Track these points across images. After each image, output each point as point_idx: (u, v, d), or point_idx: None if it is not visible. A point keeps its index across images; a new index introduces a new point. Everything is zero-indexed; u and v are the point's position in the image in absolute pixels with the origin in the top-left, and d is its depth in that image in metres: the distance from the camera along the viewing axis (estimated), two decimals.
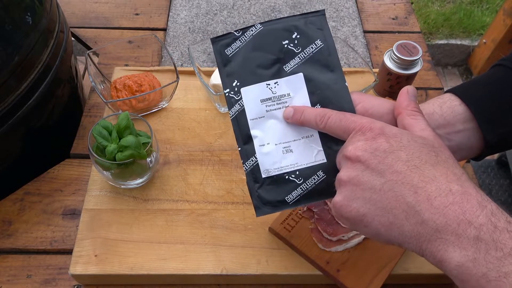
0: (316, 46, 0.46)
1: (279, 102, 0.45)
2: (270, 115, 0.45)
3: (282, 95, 0.45)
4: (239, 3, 1.02)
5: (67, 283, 0.60)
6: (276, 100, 0.45)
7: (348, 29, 0.97)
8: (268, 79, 0.46)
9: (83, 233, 0.60)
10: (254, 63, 0.46)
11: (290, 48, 0.46)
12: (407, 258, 0.59)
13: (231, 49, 0.47)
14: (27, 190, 0.68)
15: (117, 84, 0.74)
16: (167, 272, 0.58)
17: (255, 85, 0.46)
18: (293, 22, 0.46)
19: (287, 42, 0.46)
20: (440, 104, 0.47)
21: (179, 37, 0.94)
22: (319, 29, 0.46)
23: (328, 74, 0.45)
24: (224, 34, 0.47)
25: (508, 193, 1.52)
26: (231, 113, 0.47)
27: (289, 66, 0.46)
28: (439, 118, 0.46)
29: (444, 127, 0.46)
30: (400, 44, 0.73)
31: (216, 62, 0.48)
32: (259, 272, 0.58)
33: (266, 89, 0.46)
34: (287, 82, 0.46)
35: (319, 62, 0.45)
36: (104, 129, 0.60)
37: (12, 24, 0.60)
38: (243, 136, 0.46)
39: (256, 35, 0.47)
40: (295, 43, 0.46)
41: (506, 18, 1.74)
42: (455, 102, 0.47)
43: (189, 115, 0.75)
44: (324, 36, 0.46)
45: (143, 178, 0.64)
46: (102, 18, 0.97)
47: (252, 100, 0.46)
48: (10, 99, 0.62)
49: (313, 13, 0.47)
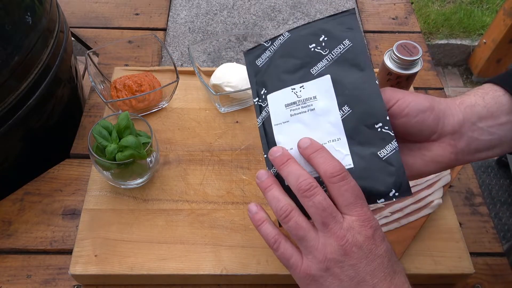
0: (344, 46, 0.44)
1: (304, 105, 0.44)
2: (295, 119, 0.44)
3: (308, 98, 0.44)
4: (239, 3, 1.02)
5: (67, 283, 0.60)
6: (301, 103, 0.44)
7: None
8: (293, 84, 0.45)
9: (83, 233, 0.60)
10: (280, 70, 0.46)
11: (317, 51, 0.45)
12: (407, 258, 0.60)
13: (261, 59, 0.48)
14: (27, 190, 0.68)
15: (117, 84, 0.74)
16: (167, 272, 0.58)
17: (280, 91, 0.45)
18: (321, 25, 0.46)
19: (314, 45, 0.45)
20: (482, 94, 0.44)
21: (179, 37, 0.94)
22: (349, 29, 0.45)
23: (357, 74, 0.43)
24: (255, 46, 0.48)
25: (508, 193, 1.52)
26: (258, 121, 0.46)
27: (316, 69, 0.44)
28: (481, 110, 0.43)
29: (486, 120, 0.43)
30: (400, 44, 0.73)
31: (248, 74, 0.48)
32: (259, 272, 0.58)
33: (291, 93, 0.45)
34: (313, 85, 0.44)
35: (348, 62, 0.44)
36: (104, 129, 0.60)
37: (12, 24, 0.60)
38: (270, 143, 0.45)
39: (284, 43, 0.47)
40: (323, 45, 0.45)
41: (506, 18, 1.74)
42: (498, 93, 0.44)
43: (189, 115, 0.75)
44: (354, 35, 0.44)
45: (143, 178, 0.64)
46: (102, 18, 0.97)
47: (277, 106, 0.45)
48: (10, 99, 0.62)
49: (342, 13, 0.45)
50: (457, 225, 0.63)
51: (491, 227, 0.68)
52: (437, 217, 0.64)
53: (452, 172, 0.66)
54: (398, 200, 0.62)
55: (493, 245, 0.66)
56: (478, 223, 0.68)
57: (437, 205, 0.63)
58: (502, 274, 0.63)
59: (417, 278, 0.60)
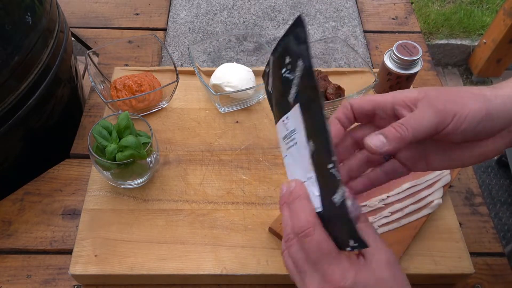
0: (300, 68, 0.37)
1: (290, 138, 0.41)
2: (289, 153, 0.42)
3: (292, 130, 0.40)
4: (239, 3, 1.02)
5: (67, 283, 0.60)
6: (289, 136, 0.41)
7: (348, 29, 0.97)
8: (283, 115, 0.42)
9: (83, 233, 0.61)
10: (275, 99, 0.44)
11: (287, 76, 0.39)
12: (407, 258, 0.60)
13: (268, 85, 0.46)
14: (27, 190, 0.68)
15: (117, 84, 0.74)
16: (167, 272, 0.58)
17: (278, 122, 0.43)
18: (285, 44, 0.39)
19: (284, 70, 0.39)
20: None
21: (179, 37, 0.94)
22: (301, 43, 0.37)
23: (311, 102, 0.37)
24: (266, 64, 0.45)
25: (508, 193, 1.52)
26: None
27: (290, 97, 0.40)
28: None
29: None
30: (400, 44, 0.73)
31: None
32: (259, 272, 0.58)
33: (282, 125, 0.42)
34: (292, 116, 0.40)
35: (304, 87, 0.38)
36: (104, 129, 0.60)
37: (12, 24, 0.60)
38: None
39: (271, 68, 0.44)
40: (289, 68, 0.39)
41: (506, 18, 1.74)
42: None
43: (189, 115, 0.75)
44: (305, 53, 0.36)
45: (143, 178, 0.64)
46: (102, 18, 0.97)
47: (280, 138, 0.43)
48: (10, 99, 0.62)
49: (296, 24, 0.37)
50: (457, 225, 0.63)
51: (491, 227, 0.68)
52: (437, 217, 0.64)
53: (452, 172, 0.66)
54: (398, 200, 0.62)
55: (493, 245, 0.66)
56: (478, 223, 0.68)
57: (437, 205, 0.63)
58: (502, 274, 0.63)
59: (417, 278, 0.60)
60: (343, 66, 0.89)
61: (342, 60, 0.90)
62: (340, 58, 0.90)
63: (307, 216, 0.37)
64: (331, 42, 0.91)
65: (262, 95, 0.76)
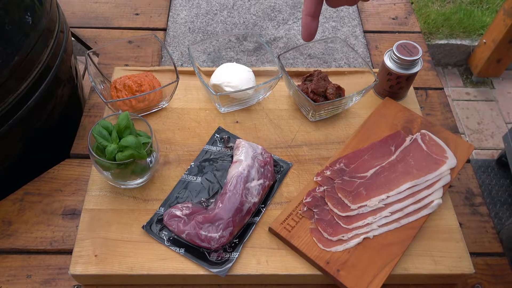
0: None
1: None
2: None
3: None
4: (239, 3, 1.02)
5: (67, 283, 0.60)
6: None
7: (348, 29, 0.97)
8: None
9: (83, 233, 0.60)
10: None
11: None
12: (407, 258, 0.60)
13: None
14: (27, 190, 0.68)
15: (117, 84, 0.74)
16: (167, 272, 0.58)
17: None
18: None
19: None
20: None
21: (179, 37, 0.94)
22: None
23: None
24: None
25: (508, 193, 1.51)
26: None
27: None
28: None
29: None
30: (400, 44, 0.73)
31: None
32: (259, 272, 0.58)
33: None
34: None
35: None
36: (104, 129, 0.60)
37: (12, 24, 0.60)
38: None
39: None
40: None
41: (506, 18, 1.74)
42: None
43: (189, 115, 0.75)
44: None
45: (143, 178, 0.64)
46: (102, 18, 0.97)
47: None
48: (10, 99, 0.62)
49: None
50: (457, 225, 0.63)
51: (491, 227, 0.68)
52: (437, 217, 0.64)
53: (452, 172, 0.66)
54: (398, 200, 0.62)
55: (493, 245, 0.66)
56: (478, 223, 0.68)
57: (437, 205, 0.63)
58: (502, 274, 0.63)
59: (417, 278, 0.60)
60: (343, 66, 0.89)
61: (342, 60, 0.90)
62: (340, 58, 0.90)
63: None
64: (331, 42, 0.91)
65: (262, 95, 0.76)
